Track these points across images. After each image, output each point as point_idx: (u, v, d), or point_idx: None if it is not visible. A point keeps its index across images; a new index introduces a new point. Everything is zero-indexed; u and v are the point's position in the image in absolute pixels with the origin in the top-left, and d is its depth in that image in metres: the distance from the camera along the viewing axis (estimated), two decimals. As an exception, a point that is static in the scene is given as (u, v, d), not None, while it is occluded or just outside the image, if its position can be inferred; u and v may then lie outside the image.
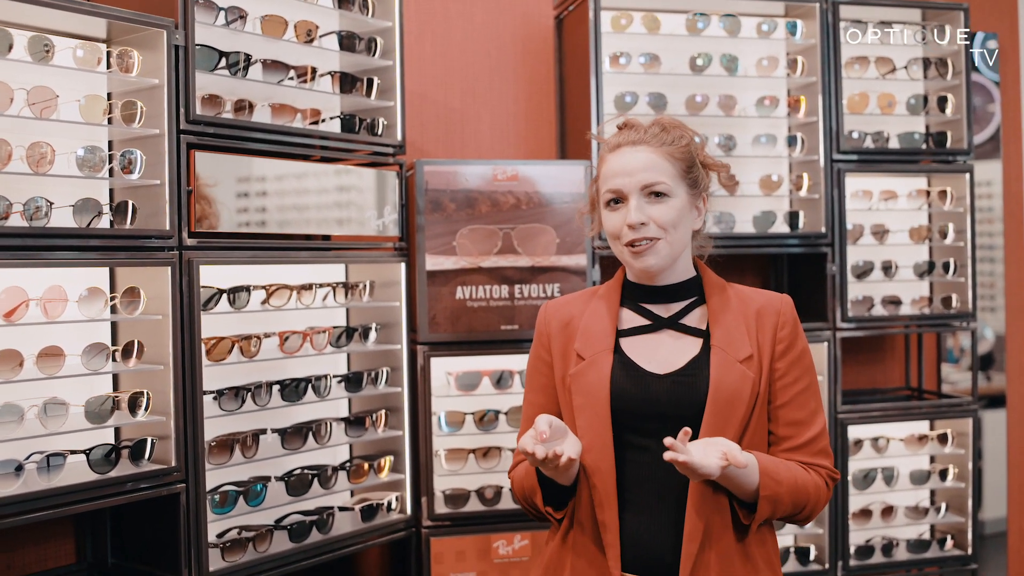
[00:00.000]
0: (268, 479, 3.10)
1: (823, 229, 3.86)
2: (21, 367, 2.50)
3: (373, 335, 3.40)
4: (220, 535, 3.00)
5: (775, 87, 4.01)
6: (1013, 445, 4.75)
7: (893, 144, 4.03)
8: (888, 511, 4.00)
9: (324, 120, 3.31)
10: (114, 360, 2.75)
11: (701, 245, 2.08)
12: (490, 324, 3.48)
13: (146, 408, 2.75)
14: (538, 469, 1.92)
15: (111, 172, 2.73)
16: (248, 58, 3.04)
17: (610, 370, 1.95)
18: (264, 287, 3.08)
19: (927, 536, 4.14)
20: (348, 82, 3.32)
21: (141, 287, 2.75)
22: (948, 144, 4.05)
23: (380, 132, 3.38)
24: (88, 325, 2.73)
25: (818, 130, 3.86)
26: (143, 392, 2.75)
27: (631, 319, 2.03)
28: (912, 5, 4.04)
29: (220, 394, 2.94)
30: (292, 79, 3.17)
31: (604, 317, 2.02)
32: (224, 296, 2.97)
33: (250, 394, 3.01)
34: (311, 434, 3.17)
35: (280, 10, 3.13)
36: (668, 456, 1.70)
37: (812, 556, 3.88)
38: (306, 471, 3.18)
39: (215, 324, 2.98)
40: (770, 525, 2.00)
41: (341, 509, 3.31)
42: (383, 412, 3.42)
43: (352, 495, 3.47)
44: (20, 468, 2.49)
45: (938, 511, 4.09)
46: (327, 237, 3.38)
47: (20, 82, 2.54)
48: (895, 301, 4.04)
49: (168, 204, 2.77)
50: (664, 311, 2.01)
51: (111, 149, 2.83)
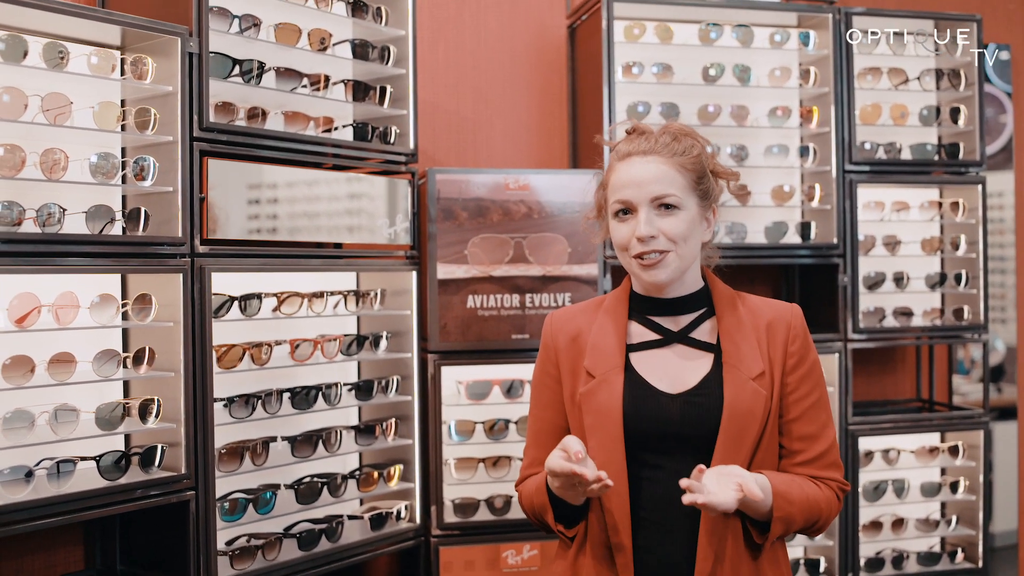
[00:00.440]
0: (278, 487, 3.10)
1: (835, 240, 3.85)
2: (32, 373, 2.50)
3: (384, 343, 3.40)
4: (229, 543, 2.99)
5: (787, 97, 4.00)
6: (1024, 457, 4.74)
7: (905, 155, 4.02)
8: (899, 523, 3.98)
9: (337, 128, 3.31)
10: (125, 367, 2.75)
11: (709, 255, 2.04)
12: (501, 333, 3.47)
13: (156, 415, 2.74)
14: (548, 488, 1.90)
15: (124, 179, 2.74)
16: (261, 66, 3.04)
17: (621, 390, 1.91)
18: (275, 295, 3.08)
19: (937, 549, 4.12)
20: (361, 90, 3.32)
21: (153, 294, 2.75)
22: (960, 155, 4.04)
23: (392, 140, 3.38)
24: (99, 332, 2.73)
25: (830, 141, 3.86)
26: (154, 399, 2.75)
27: (640, 333, 1.99)
28: (925, 16, 4.04)
29: (230, 401, 2.94)
30: (305, 87, 3.17)
31: (612, 331, 1.98)
32: (235, 303, 2.97)
33: (260, 402, 3.01)
34: (321, 442, 3.17)
35: (294, 18, 3.13)
36: (687, 499, 1.69)
37: (822, 568, 3.87)
38: (316, 479, 3.18)
39: (226, 331, 2.98)
40: (782, 540, 1.98)
41: (350, 517, 3.30)
42: (393, 420, 3.42)
43: (361, 503, 3.47)
44: (30, 474, 2.50)
45: (949, 524, 4.07)
46: (339, 245, 3.38)
47: (34, 88, 2.55)
48: (907, 312, 4.03)
49: (180, 211, 2.77)
50: (673, 324, 1.98)
51: (124, 156, 2.85)
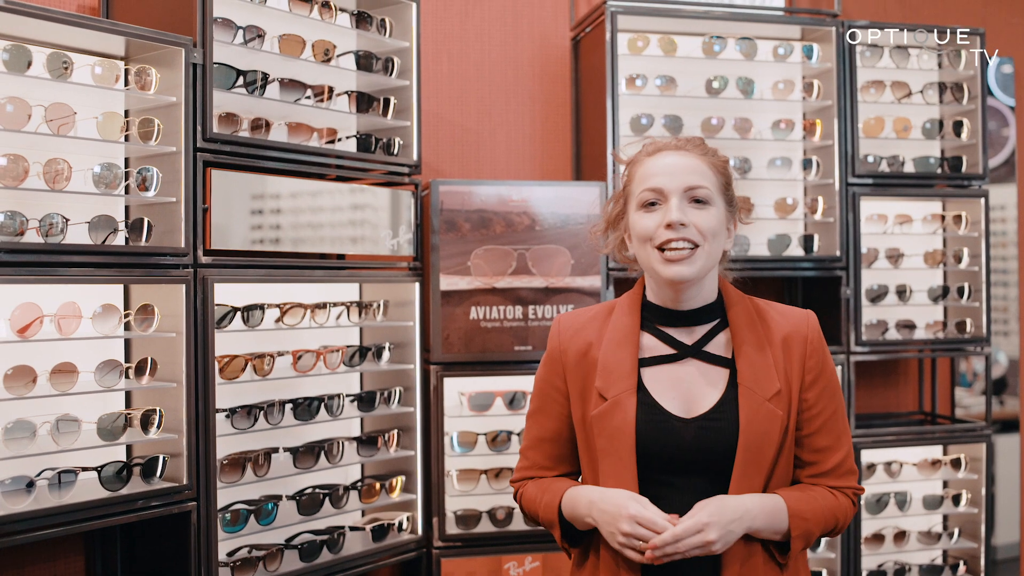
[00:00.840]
0: (279, 498, 3.09)
1: (838, 253, 3.85)
2: (34, 383, 2.50)
3: (386, 354, 3.40)
4: (231, 554, 2.99)
5: (791, 110, 4.00)
6: (1027, 471, 4.73)
7: (908, 168, 4.02)
8: (901, 536, 3.97)
9: (340, 139, 3.32)
10: (127, 377, 2.75)
11: (726, 268, 2.00)
12: (504, 345, 3.47)
13: (158, 425, 2.74)
14: (561, 511, 1.92)
15: (127, 189, 2.74)
16: (265, 77, 3.05)
17: (635, 413, 1.85)
18: (278, 305, 3.08)
19: (940, 561, 4.11)
20: (365, 102, 3.33)
21: (155, 304, 2.75)
22: (963, 169, 4.04)
23: (396, 152, 3.38)
24: (102, 342, 2.73)
25: (833, 154, 3.85)
26: (156, 409, 2.74)
27: (653, 346, 1.92)
28: (928, 29, 4.04)
29: (233, 412, 2.94)
30: (309, 98, 3.18)
31: (624, 346, 1.91)
32: (238, 314, 2.97)
33: (263, 412, 3.00)
34: (323, 453, 3.16)
35: (298, 29, 3.14)
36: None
37: (824, 582, 3.86)
38: (317, 490, 3.18)
39: (229, 342, 2.98)
40: (803, 553, 1.96)
41: (352, 529, 3.30)
42: (395, 432, 3.41)
43: (363, 515, 3.46)
44: (31, 484, 2.49)
45: (951, 536, 4.06)
46: (341, 256, 3.38)
47: (38, 98, 2.56)
48: (909, 325, 4.02)
49: (183, 222, 2.77)
50: (687, 336, 1.91)
51: (127, 166, 2.85)
